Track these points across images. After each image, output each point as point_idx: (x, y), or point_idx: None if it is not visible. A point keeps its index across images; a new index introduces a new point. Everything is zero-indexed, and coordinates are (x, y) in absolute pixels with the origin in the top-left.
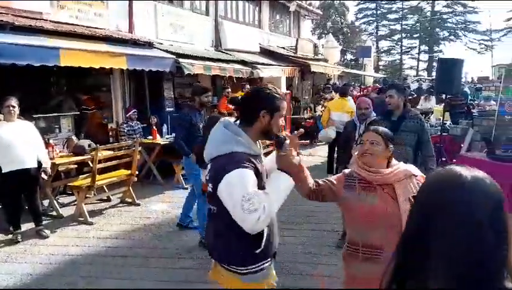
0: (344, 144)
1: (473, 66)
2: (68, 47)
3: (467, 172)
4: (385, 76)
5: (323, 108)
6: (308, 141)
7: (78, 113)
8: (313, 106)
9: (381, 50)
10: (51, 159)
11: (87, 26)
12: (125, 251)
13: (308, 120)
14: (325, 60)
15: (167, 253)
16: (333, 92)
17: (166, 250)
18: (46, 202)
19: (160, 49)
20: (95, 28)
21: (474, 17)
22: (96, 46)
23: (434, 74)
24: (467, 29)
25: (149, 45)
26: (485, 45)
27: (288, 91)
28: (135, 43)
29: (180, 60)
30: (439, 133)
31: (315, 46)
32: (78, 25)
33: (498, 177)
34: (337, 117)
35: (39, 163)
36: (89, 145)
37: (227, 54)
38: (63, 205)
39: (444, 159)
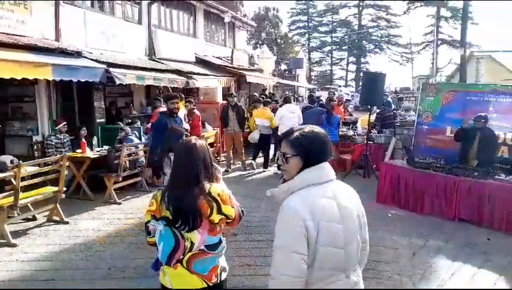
0: None
1: (396, 77)
2: None
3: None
4: (316, 86)
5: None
6: None
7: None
8: (249, 115)
9: (313, 61)
10: None
11: (9, 34)
12: (52, 273)
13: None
14: (260, 70)
15: (99, 274)
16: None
17: (98, 271)
18: None
19: (90, 59)
20: (18, 35)
21: (397, 32)
22: (18, 55)
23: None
24: (390, 42)
25: (77, 54)
26: (406, 58)
27: (225, 101)
28: (62, 52)
29: (111, 69)
30: (365, 141)
31: (250, 56)
32: None
33: (418, 180)
34: (260, 122)
35: None
36: (12, 161)
37: (161, 63)
38: None
39: (370, 167)
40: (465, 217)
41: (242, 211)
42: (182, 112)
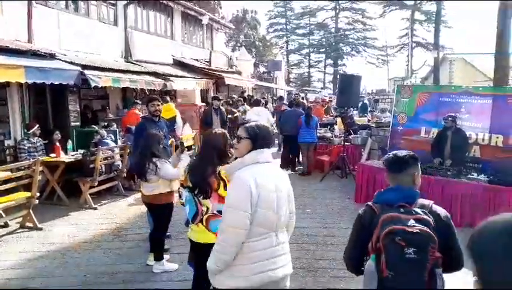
0: None
1: (372, 78)
2: None
3: None
4: (294, 88)
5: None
6: None
7: None
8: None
9: (291, 63)
10: None
11: None
12: (26, 282)
13: None
14: (239, 73)
15: (74, 281)
16: (246, 105)
17: (73, 278)
18: None
19: (64, 61)
20: None
21: (373, 34)
22: None
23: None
24: (367, 45)
25: (51, 55)
26: (382, 60)
27: (203, 103)
28: (35, 54)
29: (86, 71)
30: (342, 143)
31: (229, 58)
32: None
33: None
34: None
35: None
36: None
37: (138, 65)
38: None
39: (348, 167)
40: None
41: None
42: (179, 117)
